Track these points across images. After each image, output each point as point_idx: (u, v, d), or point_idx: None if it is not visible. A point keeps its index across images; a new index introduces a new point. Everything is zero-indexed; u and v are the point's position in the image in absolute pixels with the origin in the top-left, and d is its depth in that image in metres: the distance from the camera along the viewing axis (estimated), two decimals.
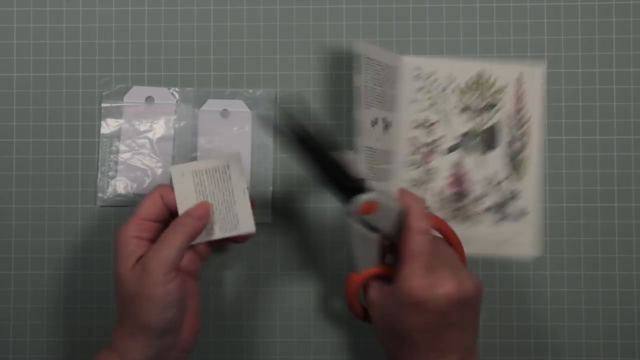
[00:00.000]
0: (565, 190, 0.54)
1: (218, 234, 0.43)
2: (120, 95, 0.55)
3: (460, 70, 0.54)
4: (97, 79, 0.55)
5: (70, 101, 0.55)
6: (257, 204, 0.51)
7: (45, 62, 0.56)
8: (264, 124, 0.40)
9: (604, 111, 0.54)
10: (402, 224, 0.40)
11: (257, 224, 0.54)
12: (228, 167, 0.42)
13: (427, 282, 0.38)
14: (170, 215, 0.44)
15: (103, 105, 0.55)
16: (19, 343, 0.54)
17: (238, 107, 0.55)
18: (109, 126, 0.55)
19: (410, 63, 0.54)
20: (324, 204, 0.54)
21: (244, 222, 0.43)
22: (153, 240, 0.41)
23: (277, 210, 0.55)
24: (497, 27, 0.55)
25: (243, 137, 0.55)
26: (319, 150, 0.39)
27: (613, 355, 0.53)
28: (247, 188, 0.43)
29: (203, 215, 0.42)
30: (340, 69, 0.55)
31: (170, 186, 0.44)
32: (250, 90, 0.55)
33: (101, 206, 0.55)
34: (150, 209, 0.42)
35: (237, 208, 0.42)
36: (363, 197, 0.39)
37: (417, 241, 0.39)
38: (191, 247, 0.44)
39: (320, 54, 0.55)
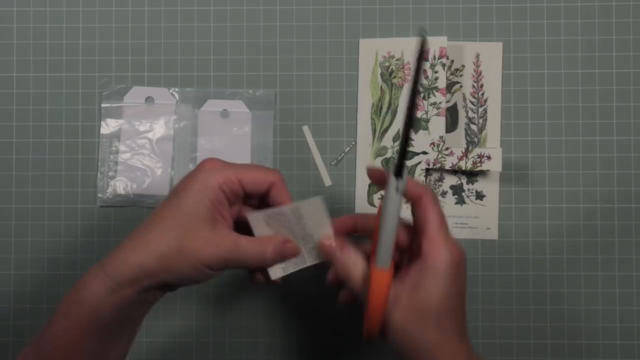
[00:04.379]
0: (565, 191, 0.54)
1: (293, 267, 0.41)
2: (120, 95, 0.55)
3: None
4: (97, 79, 0.55)
5: (70, 101, 0.55)
6: None
7: (45, 62, 0.56)
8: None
9: (603, 112, 0.54)
10: (410, 199, 0.38)
11: None
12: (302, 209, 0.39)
13: (454, 244, 0.36)
14: (259, 201, 0.40)
15: (103, 105, 0.55)
16: (19, 343, 0.54)
17: (238, 107, 0.55)
18: (108, 126, 0.55)
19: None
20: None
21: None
22: (230, 202, 0.37)
23: None
24: (497, 28, 0.55)
25: (243, 137, 0.55)
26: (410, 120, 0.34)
27: (613, 356, 0.53)
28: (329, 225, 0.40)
29: (288, 256, 0.39)
30: (340, 69, 0.55)
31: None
32: (250, 91, 0.55)
33: (101, 206, 0.55)
34: (256, 182, 0.37)
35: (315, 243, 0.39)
36: (406, 179, 0.35)
37: (439, 212, 0.37)
38: None
39: (320, 54, 0.55)
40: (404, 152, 0.34)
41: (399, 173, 0.34)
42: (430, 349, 0.35)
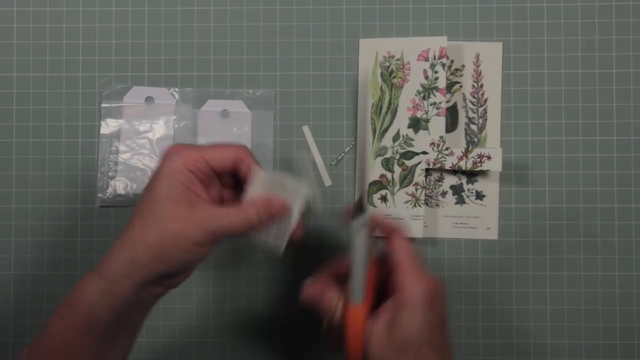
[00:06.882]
0: (565, 191, 0.54)
1: (268, 239, 0.40)
2: (120, 95, 0.55)
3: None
4: (97, 79, 0.55)
5: (70, 101, 0.55)
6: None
7: (45, 62, 0.56)
8: None
9: (603, 112, 0.54)
10: (385, 238, 0.40)
11: None
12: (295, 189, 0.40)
13: (428, 278, 0.38)
14: (232, 179, 0.40)
15: (103, 105, 0.55)
16: (19, 343, 0.54)
17: (238, 107, 0.55)
18: (108, 126, 0.55)
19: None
20: (324, 205, 0.54)
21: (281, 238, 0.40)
22: (205, 185, 0.38)
23: None
24: (497, 28, 0.55)
25: (243, 137, 0.55)
26: None
27: (613, 356, 0.53)
28: (302, 212, 0.40)
29: (277, 215, 0.39)
30: (340, 69, 0.55)
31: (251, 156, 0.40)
32: (250, 91, 0.55)
33: (101, 206, 0.55)
34: (221, 159, 0.38)
35: (287, 223, 0.39)
36: (369, 213, 0.38)
37: (409, 248, 0.39)
38: None
39: (320, 54, 0.55)
40: (364, 188, 0.37)
41: (360, 208, 0.37)
42: None
